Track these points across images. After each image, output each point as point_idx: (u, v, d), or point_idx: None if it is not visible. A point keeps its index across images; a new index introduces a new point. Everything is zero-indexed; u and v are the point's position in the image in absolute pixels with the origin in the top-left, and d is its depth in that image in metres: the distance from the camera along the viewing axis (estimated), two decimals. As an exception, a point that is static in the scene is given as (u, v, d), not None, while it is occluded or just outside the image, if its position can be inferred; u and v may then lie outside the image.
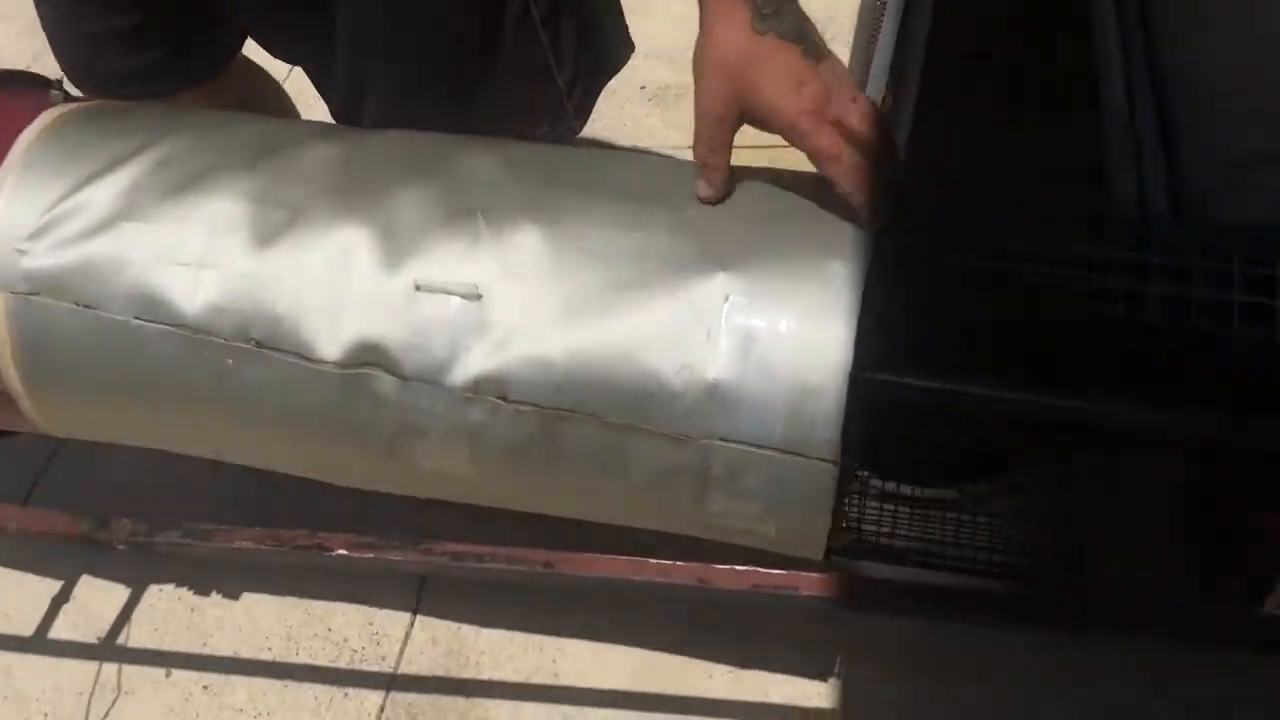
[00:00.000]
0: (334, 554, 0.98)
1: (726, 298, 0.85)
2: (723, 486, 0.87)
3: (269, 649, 1.45)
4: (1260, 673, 1.19)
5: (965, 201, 0.98)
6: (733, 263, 0.86)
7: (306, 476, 0.99)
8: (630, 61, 1.40)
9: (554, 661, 1.39)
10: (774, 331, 0.84)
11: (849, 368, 0.82)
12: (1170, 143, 1.47)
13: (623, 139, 2.06)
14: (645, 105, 2.13)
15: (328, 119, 1.22)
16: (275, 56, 1.29)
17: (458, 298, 0.87)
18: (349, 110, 1.17)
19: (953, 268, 0.84)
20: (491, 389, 0.87)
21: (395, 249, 0.89)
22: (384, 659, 1.42)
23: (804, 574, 0.92)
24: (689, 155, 0.91)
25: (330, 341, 0.89)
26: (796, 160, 0.89)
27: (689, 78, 0.90)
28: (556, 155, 0.97)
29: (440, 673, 1.41)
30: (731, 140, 0.88)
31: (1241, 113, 1.80)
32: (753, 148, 2.01)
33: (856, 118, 0.84)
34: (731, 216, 0.89)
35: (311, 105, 1.38)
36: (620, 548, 0.99)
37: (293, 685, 1.42)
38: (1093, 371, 0.80)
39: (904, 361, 0.85)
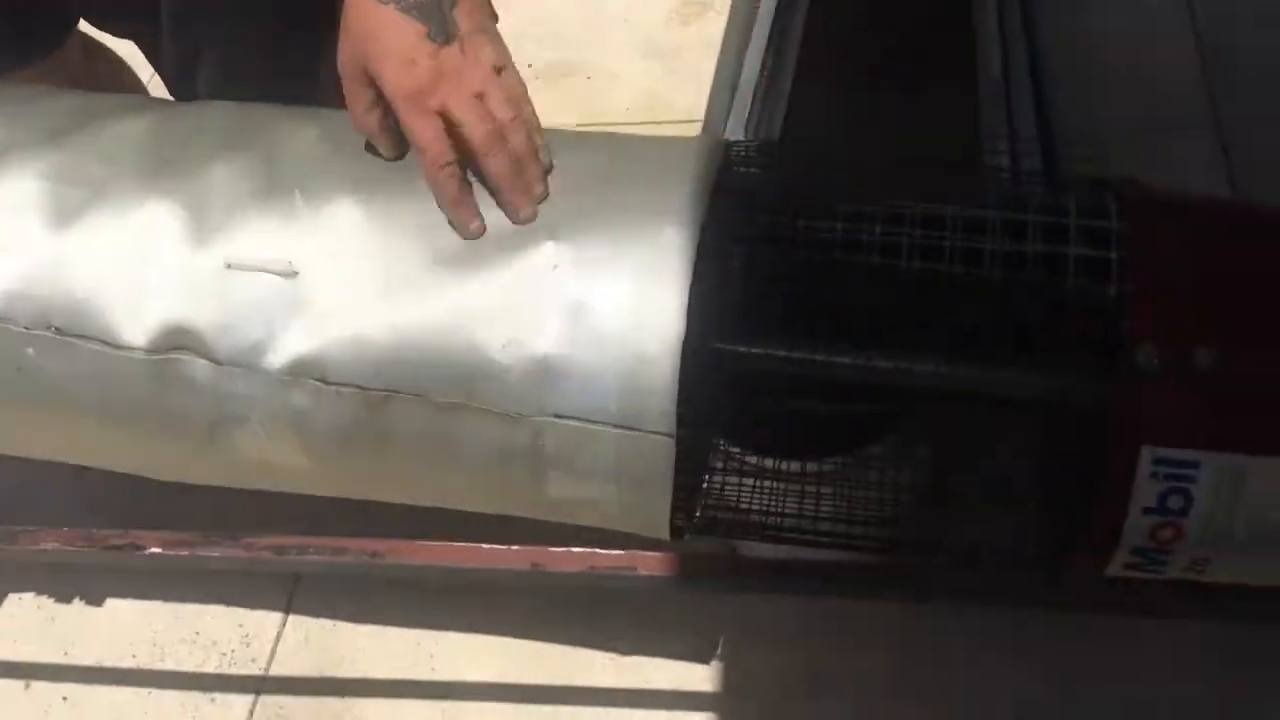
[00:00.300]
0: (147, 552, 0.92)
1: (555, 267, 0.81)
2: (559, 465, 0.83)
3: (133, 656, 1.39)
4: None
5: (826, 166, 0.95)
6: (562, 231, 0.82)
7: (126, 472, 0.93)
8: (517, 39, 1.36)
9: (431, 656, 1.35)
10: (605, 301, 0.80)
11: (683, 337, 0.78)
12: (1044, 111, 1.46)
13: (507, 119, 2.01)
14: (533, 84, 2.07)
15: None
16: (104, 30, 1.22)
17: (272, 276, 0.82)
18: (181, 84, 1.11)
19: (786, 231, 0.81)
20: (311, 371, 0.82)
21: (205, 226, 0.84)
22: (254, 661, 1.37)
23: (642, 553, 0.88)
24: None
25: (136, 326, 0.83)
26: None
27: (576, 55, 0.86)
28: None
29: (313, 673, 1.36)
30: (377, 102, 0.83)
31: (1116, 83, 1.81)
32: (640, 124, 1.99)
33: (472, 114, 0.80)
34: (563, 183, 0.85)
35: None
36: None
37: (157, 693, 1.36)
38: (909, 332, 0.77)
39: (740, 329, 0.82)
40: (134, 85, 1.41)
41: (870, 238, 0.79)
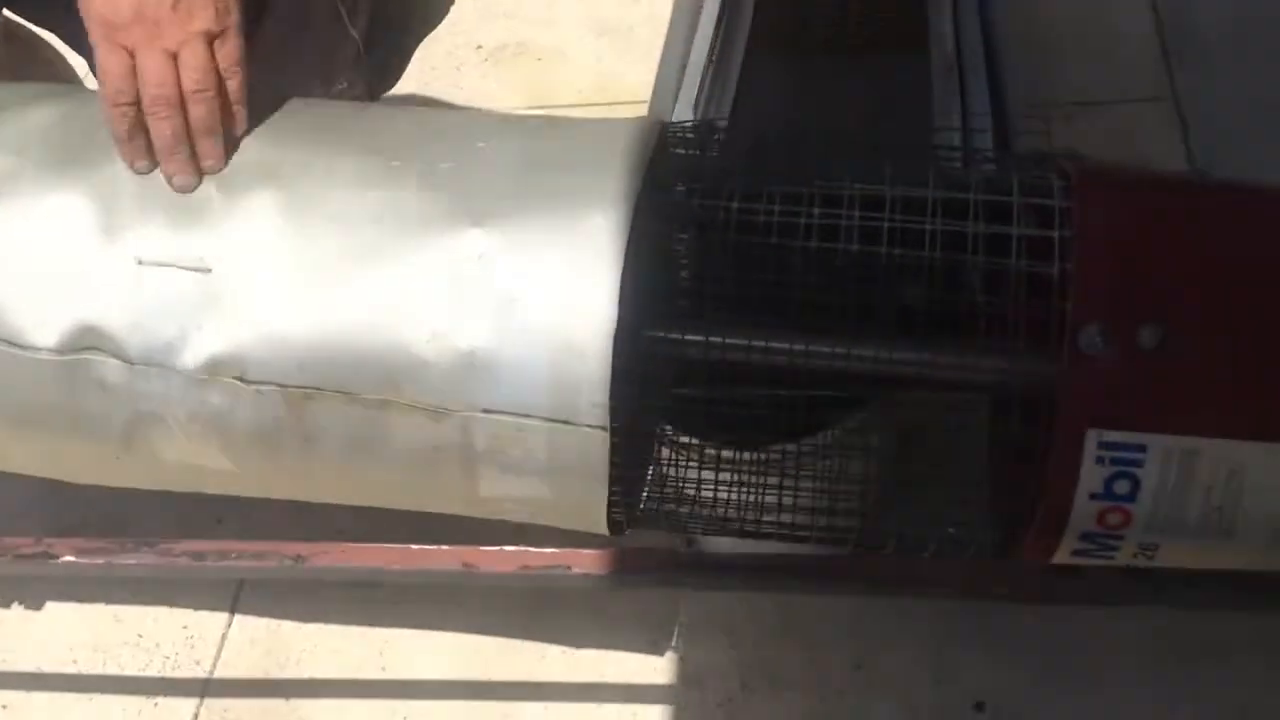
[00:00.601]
0: (61, 561, 0.89)
1: (480, 256, 0.78)
2: (490, 461, 0.80)
3: (74, 661, 1.35)
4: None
5: (765, 147, 0.92)
6: (487, 217, 0.78)
7: (45, 477, 0.90)
8: (466, 19, 1.31)
9: (380, 654, 1.31)
10: (533, 291, 0.77)
11: (614, 326, 0.75)
12: (998, 83, 1.44)
13: (458, 103, 1.97)
14: (481, 66, 2.04)
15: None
16: (25, 19, 1.18)
17: (185, 271, 0.79)
18: None
19: (722, 215, 0.78)
20: (229, 370, 0.79)
21: (115, 220, 0.80)
22: (199, 663, 1.33)
23: (576, 551, 0.85)
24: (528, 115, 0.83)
25: (44, 326, 0.79)
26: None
27: (528, 35, 0.82)
28: (300, 109, 0.89)
29: (259, 674, 1.32)
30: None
31: (1072, 52, 1.79)
32: (592, 106, 1.95)
33: (152, 70, 0.78)
34: (491, 168, 0.82)
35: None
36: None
37: (99, 698, 1.32)
38: (848, 316, 0.75)
39: (674, 316, 0.79)
40: (68, 77, 1.36)
41: (808, 220, 0.77)
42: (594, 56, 1.99)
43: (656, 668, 1.26)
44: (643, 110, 1.74)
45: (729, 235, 0.78)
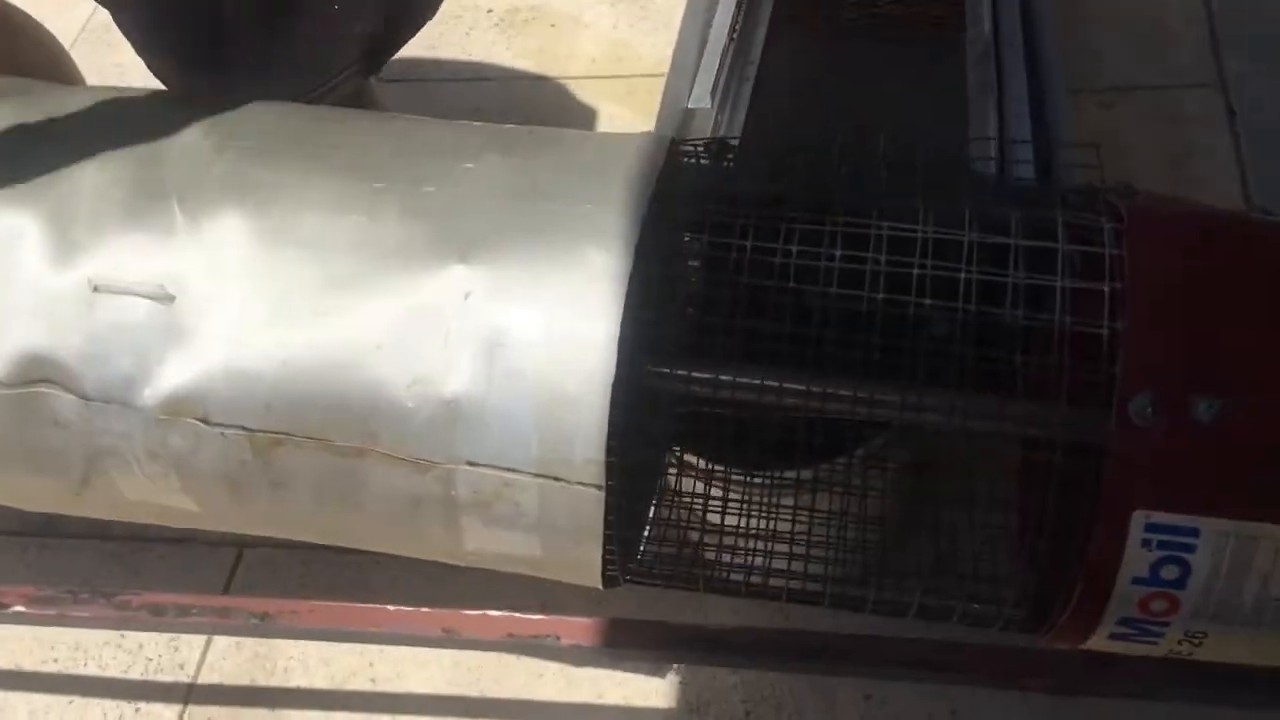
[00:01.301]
0: (11, 611, 0.83)
1: (467, 295, 0.70)
2: (475, 515, 0.73)
3: (55, 660, 1.30)
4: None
5: (784, 170, 0.83)
6: (474, 251, 0.71)
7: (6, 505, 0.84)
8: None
9: (371, 666, 1.26)
10: (523, 335, 0.70)
11: (612, 376, 0.68)
12: (1036, 67, 1.35)
13: (465, 71, 1.88)
14: (492, 30, 1.95)
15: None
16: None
17: (145, 300, 0.72)
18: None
19: (736, 255, 0.71)
20: (190, 409, 0.72)
21: (68, 240, 0.73)
22: (182, 668, 1.28)
23: (565, 620, 0.79)
24: (536, 85, 0.74)
25: (-10, 357, 0.73)
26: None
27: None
28: (275, 117, 0.81)
29: (244, 681, 1.27)
30: None
31: (1115, 35, 1.69)
32: (606, 78, 1.86)
33: None
34: (479, 194, 0.74)
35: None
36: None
37: (79, 701, 1.27)
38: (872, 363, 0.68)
39: (681, 364, 0.72)
40: (66, 64, 1.28)
41: (829, 264, 0.69)
42: (609, 24, 1.89)
43: (658, 690, 1.20)
44: (658, 85, 1.65)
45: (742, 279, 0.70)
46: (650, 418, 0.72)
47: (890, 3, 1.51)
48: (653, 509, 0.86)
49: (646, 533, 0.84)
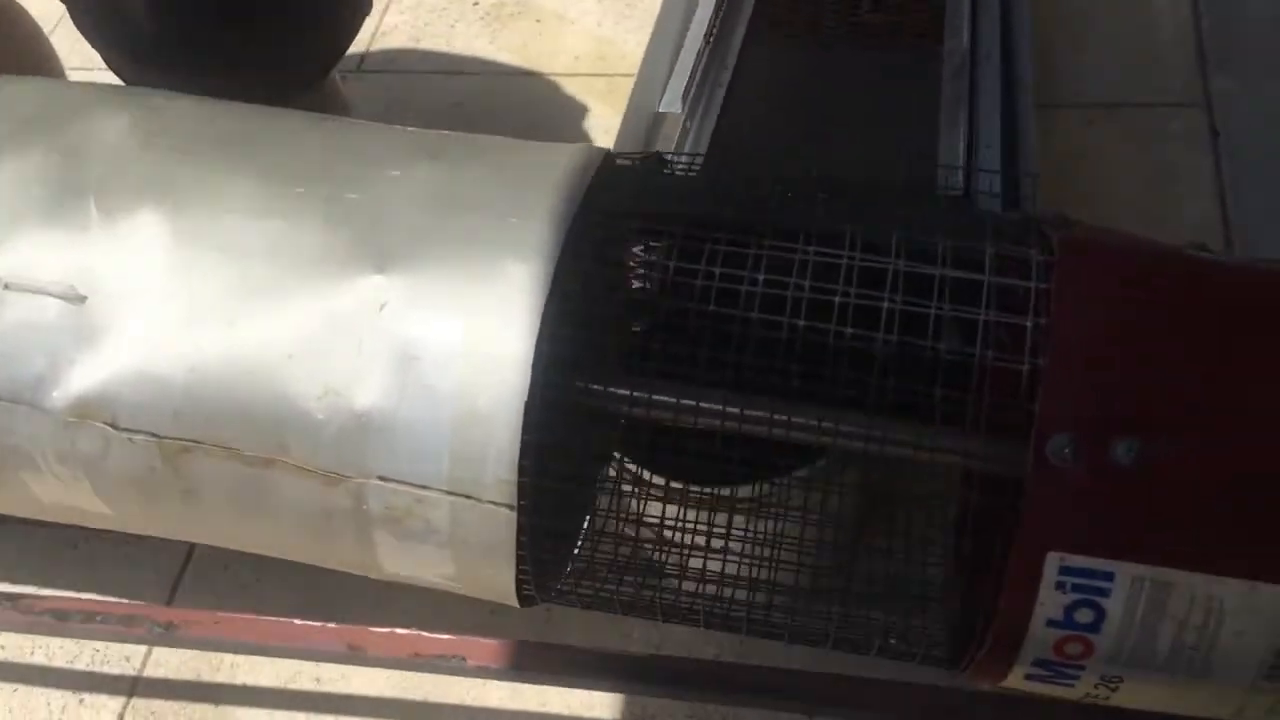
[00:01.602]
0: None
1: (382, 306, 0.69)
2: (388, 530, 0.72)
3: (1, 648, 1.29)
4: None
5: (716, 190, 0.82)
6: (392, 261, 0.70)
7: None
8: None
9: (317, 666, 1.25)
10: (438, 349, 0.68)
11: (525, 393, 0.67)
12: (1012, 83, 1.33)
13: (447, 64, 1.87)
14: (477, 24, 1.93)
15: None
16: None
17: (56, 300, 0.71)
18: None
19: (659, 274, 0.69)
20: (98, 413, 0.71)
21: (-19, 237, 0.72)
22: (128, 659, 1.27)
23: (474, 640, 0.78)
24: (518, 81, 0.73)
25: (-104, 352, 0.72)
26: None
27: None
28: (207, 115, 0.80)
29: (190, 676, 1.26)
30: None
31: (1100, 52, 1.66)
32: (589, 75, 1.84)
33: None
34: (402, 202, 0.73)
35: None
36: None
37: (24, 690, 1.26)
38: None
39: (598, 380, 0.70)
40: (45, 52, 1.27)
41: (752, 289, 0.67)
42: (594, 21, 1.88)
43: (604, 703, 1.19)
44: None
45: (663, 299, 0.69)
46: (572, 435, 0.70)
47: (871, 11, 1.49)
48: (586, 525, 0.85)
49: (578, 549, 0.83)
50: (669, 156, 0.78)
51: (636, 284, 0.73)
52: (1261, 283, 0.67)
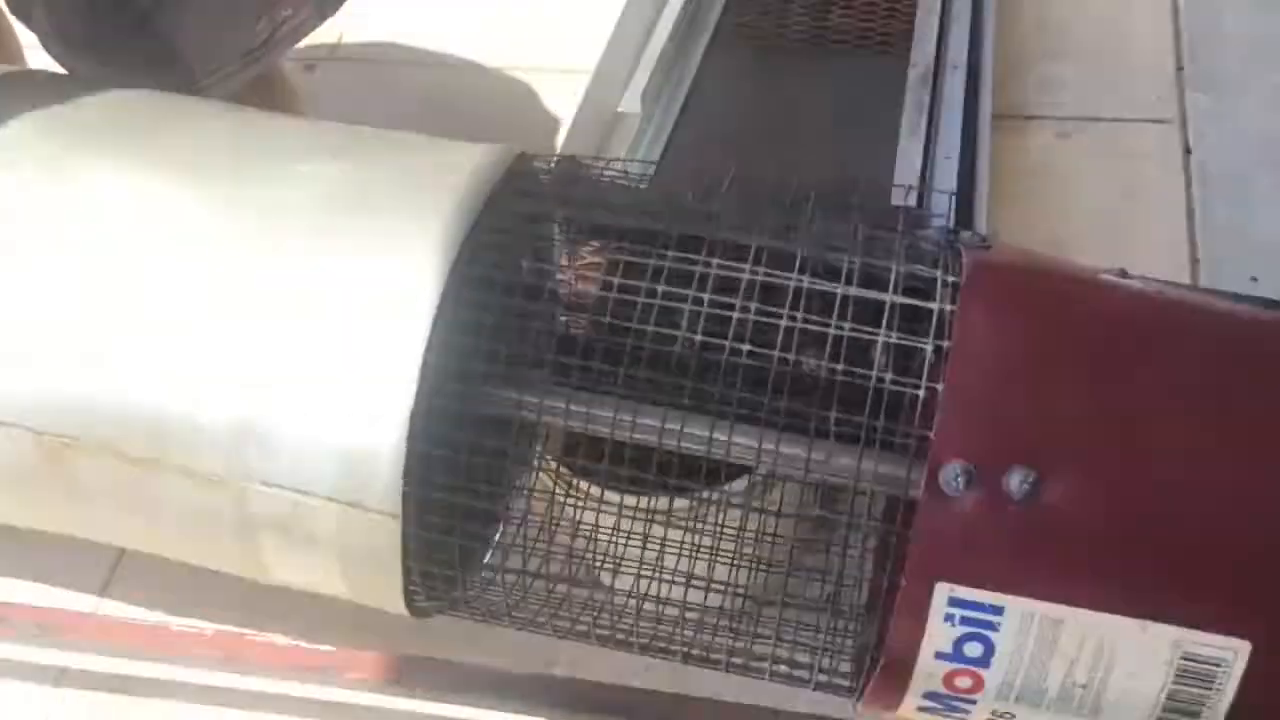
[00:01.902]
0: None
1: (269, 302, 0.67)
2: (272, 534, 0.70)
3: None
4: None
5: (626, 198, 0.79)
6: (285, 258, 0.68)
7: None
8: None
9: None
10: (324, 353, 0.67)
11: (413, 400, 0.65)
12: (974, 99, 1.31)
13: (417, 56, 1.84)
14: (452, 17, 1.91)
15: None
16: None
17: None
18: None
19: (554, 281, 0.67)
20: (-22, 407, 0.69)
21: None
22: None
23: (356, 653, 0.76)
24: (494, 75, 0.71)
25: None
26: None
27: None
28: (118, 102, 0.78)
29: (117, 669, 1.24)
30: None
31: (1077, 65, 1.64)
32: (560, 72, 1.82)
33: None
34: (300, 200, 0.71)
35: None
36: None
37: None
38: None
39: (492, 385, 0.69)
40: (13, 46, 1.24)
41: (647, 300, 0.66)
42: (579, 16, 1.85)
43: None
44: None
45: (557, 305, 0.67)
46: (477, 442, 0.68)
47: (841, 16, 1.47)
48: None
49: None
50: (586, 160, 0.76)
51: (532, 294, 0.70)
52: (1170, 311, 0.65)
